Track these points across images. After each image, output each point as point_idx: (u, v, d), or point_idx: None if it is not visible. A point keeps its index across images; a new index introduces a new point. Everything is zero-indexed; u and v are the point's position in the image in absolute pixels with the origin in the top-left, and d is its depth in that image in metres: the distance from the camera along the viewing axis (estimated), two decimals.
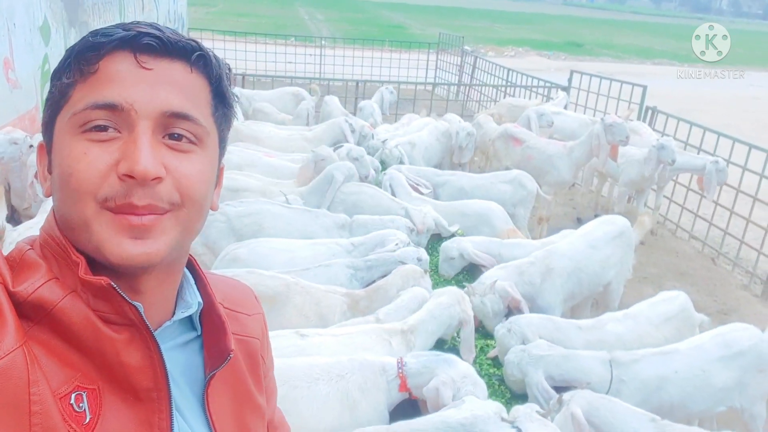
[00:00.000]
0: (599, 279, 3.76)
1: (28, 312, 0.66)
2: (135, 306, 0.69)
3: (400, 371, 2.40)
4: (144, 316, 0.70)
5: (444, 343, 3.08)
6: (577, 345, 2.95)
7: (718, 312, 4.99)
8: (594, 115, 8.06)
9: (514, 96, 9.48)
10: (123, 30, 0.70)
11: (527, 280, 3.50)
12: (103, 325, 0.68)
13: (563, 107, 8.10)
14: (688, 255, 6.29)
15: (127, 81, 0.69)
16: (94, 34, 0.71)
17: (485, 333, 3.36)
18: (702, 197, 6.40)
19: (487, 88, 10.61)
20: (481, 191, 4.94)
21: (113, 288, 0.68)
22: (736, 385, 2.83)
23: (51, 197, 0.75)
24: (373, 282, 3.26)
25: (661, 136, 6.82)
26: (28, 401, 0.62)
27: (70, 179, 0.68)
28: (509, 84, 9.89)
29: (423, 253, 3.44)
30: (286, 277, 2.96)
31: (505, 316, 3.34)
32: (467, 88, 11.70)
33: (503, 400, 2.81)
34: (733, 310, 5.08)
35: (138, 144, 0.67)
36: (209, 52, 0.76)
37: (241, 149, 5.09)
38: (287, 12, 33.73)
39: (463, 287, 3.45)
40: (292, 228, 3.76)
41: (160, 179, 0.68)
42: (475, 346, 3.07)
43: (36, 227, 3.28)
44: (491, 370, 3.12)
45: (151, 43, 0.70)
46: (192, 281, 0.84)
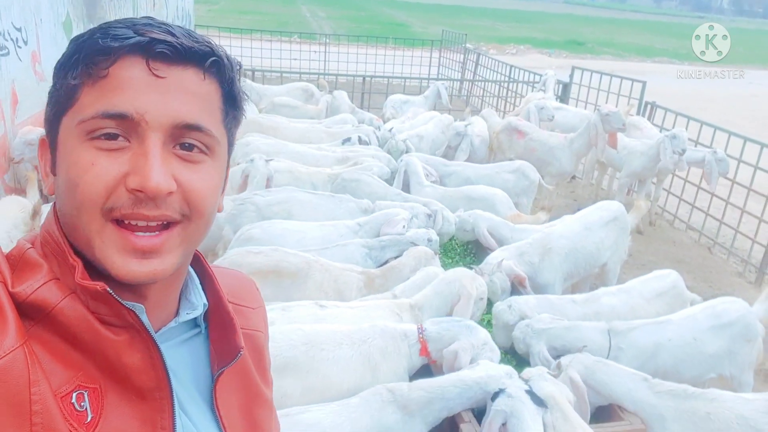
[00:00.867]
0: (595, 260, 3.97)
1: (28, 312, 0.66)
2: (133, 310, 0.69)
3: (421, 336, 2.59)
4: (144, 318, 0.70)
5: None
6: (573, 318, 3.14)
7: (713, 297, 5.13)
8: (594, 110, 8.25)
9: (517, 92, 9.68)
10: (136, 34, 0.68)
11: (527, 260, 3.72)
12: (102, 327, 0.68)
13: (552, 87, 8.43)
14: (685, 244, 6.50)
15: (138, 89, 0.67)
16: (105, 35, 0.68)
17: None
18: (699, 188, 6.61)
19: (489, 84, 10.79)
20: (486, 181, 5.16)
21: (109, 293, 0.67)
22: (726, 353, 3.03)
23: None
24: (386, 261, 3.47)
25: (660, 131, 7.03)
26: (29, 400, 0.61)
27: (77, 190, 0.67)
28: (511, 80, 10.08)
29: (433, 233, 3.66)
30: (307, 255, 3.17)
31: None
32: (470, 84, 11.89)
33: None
34: (728, 295, 5.26)
35: (149, 158, 0.66)
36: (223, 55, 0.73)
37: (266, 138, 5.36)
38: (289, 9, 33.87)
39: (471, 269, 3.66)
40: (319, 213, 3.99)
41: (171, 194, 0.68)
42: (482, 320, 3.27)
43: None
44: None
45: (165, 51, 0.68)
46: (197, 281, 0.84)
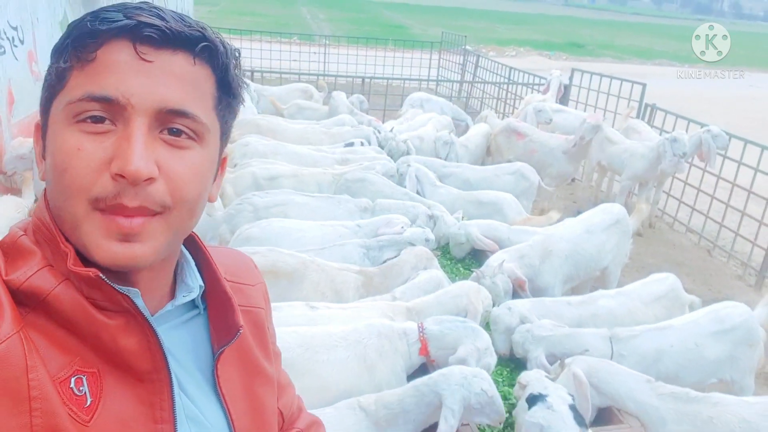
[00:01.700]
0: (595, 263, 3.94)
1: (23, 299, 0.66)
2: (127, 294, 0.69)
3: (422, 334, 2.55)
4: (139, 301, 0.70)
5: None
6: (569, 320, 3.11)
7: (713, 300, 5.08)
8: (594, 111, 8.23)
9: (516, 94, 9.65)
10: (125, 17, 0.67)
11: (527, 262, 3.69)
12: (97, 312, 0.68)
13: (557, 87, 8.42)
14: (684, 247, 6.47)
15: (125, 73, 0.66)
16: (94, 18, 0.68)
17: None
18: (699, 191, 6.58)
19: (489, 85, 10.77)
20: (485, 183, 5.16)
21: (102, 279, 0.67)
22: (727, 358, 3.00)
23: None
24: (384, 261, 3.44)
25: (660, 133, 7.01)
26: (27, 386, 0.61)
27: (65, 175, 0.66)
28: (511, 82, 10.06)
29: (429, 233, 3.63)
30: (303, 256, 3.14)
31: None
32: (469, 85, 11.87)
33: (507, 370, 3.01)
34: (728, 299, 5.11)
35: (131, 142, 0.65)
36: (216, 40, 0.72)
37: (264, 139, 5.34)
38: (289, 11, 33.87)
39: (470, 272, 3.64)
40: (317, 215, 3.97)
41: (152, 180, 0.67)
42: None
43: None
44: None
45: (152, 35, 0.67)
46: (192, 263, 0.83)
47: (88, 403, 0.66)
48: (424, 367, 2.70)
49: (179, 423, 0.74)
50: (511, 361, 3.12)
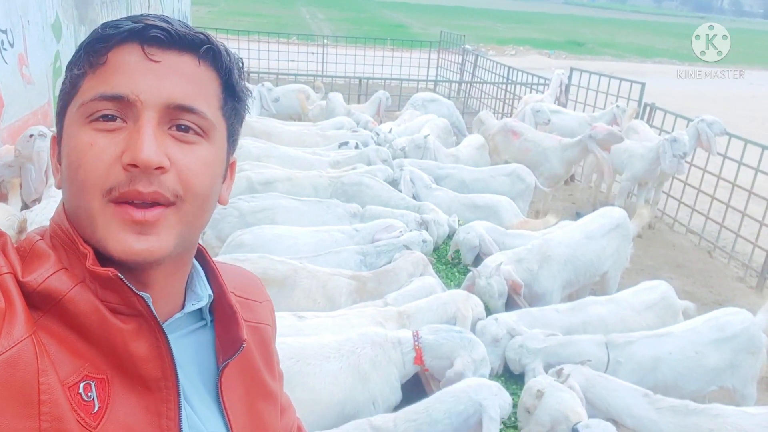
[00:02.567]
0: (595, 268, 3.87)
1: (38, 302, 0.66)
2: (142, 297, 0.70)
3: (417, 343, 2.49)
4: (152, 306, 0.71)
5: None
6: (559, 329, 3.04)
7: (714, 302, 5.10)
8: (594, 111, 8.17)
9: (515, 93, 9.59)
10: (132, 22, 0.71)
11: (525, 266, 3.62)
12: (111, 316, 0.69)
13: (557, 86, 8.35)
14: (685, 248, 6.41)
15: (134, 72, 0.69)
16: (104, 26, 0.72)
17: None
18: (699, 191, 6.52)
19: (487, 85, 10.71)
20: (481, 184, 5.10)
21: (120, 279, 0.68)
22: (728, 366, 2.94)
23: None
24: (380, 267, 3.38)
25: (660, 133, 6.95)
26: (38, 390, 0.62)
27: (78, 171, 0.68)
28: (509, 82, 9.99)
29: (426, 234, 3.58)
30: (294, 262, 3.08)
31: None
32: (468, 85, 11.81)
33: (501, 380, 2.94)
34: (729, 301, 5.19)
35: (141, 134, 0.68)
36: (219, 45, 0.75)
37: (258, 142, 5.28)
38: (288, 11, 33.83)
39: (467, 272, 3.58)
40: (305, 220, 3.89)
41: (163, 169, 0.68)
42: None
43: (49, 208, 3.42)
44: None
45: (159, 36, 0.70)
46: (202, 273, 0.84)
47: (96, 409, 0.67)
48: (416, 377, 2.64)
49: None
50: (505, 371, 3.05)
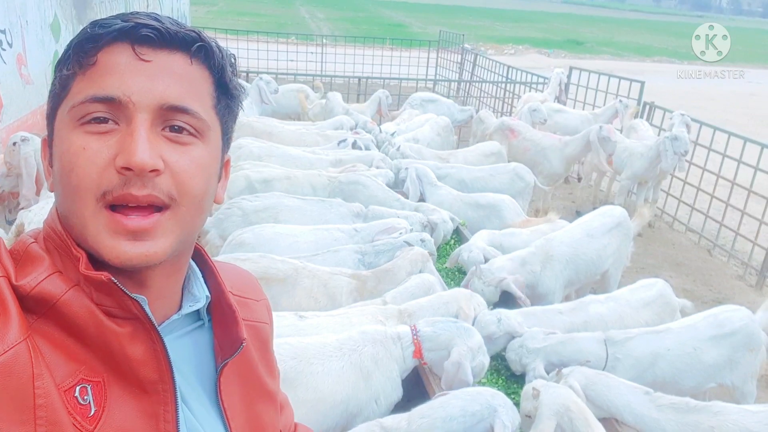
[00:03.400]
0: (596, 267, 3.87)
1: (32, 305, 0.66)
2: (137, 300, 0.69)
3: (415, 337, 2.49)
4: (147, 309, 0.70)
5: None
6: (561, 329, 3.03)
7: (714, 301, 5.11)
8: (593, 109, 8.17)
9: (514, 92, 9.59)
10: (122, 21, 0.69)
11: (529, 269, 3.62)
12: (106, 319, 0.68)
13: (557, 84, 8.38)
14: (684, 246, 6.41)
15: (125, 73, 0.68)
16: (93, 25, 0.70)
17: None
18: (698, 190, 6.52)
19: (486, 84, 10.71)
20: (480, 183, 5.09)
21: (114, 283, 0.67)
22: (726, 363, 2.94)
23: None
24: (379, 266, 3.37)
25: (659, 132, 6.95)
26: (33, 394, 0.61)
27: (71, 175, 0.67)
28: (509, 81, 9.99)
29: (425, 235, 3.58)
30: (295, 262, 3.07)
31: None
32: (467, 84, 11.80)
33: (501, 379, 2.95)
34: (728, 299, 5.19)
35: (135, 137, 0.66)
36: (211, 43, 0.74)
37: (258, 141, 5.27)
38: (287, 11, 33.81)
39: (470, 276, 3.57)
40: (308, 219, 3.87)
41: (158, 172, 0.67)
42: None
43: (47, 208, 3.41)
44: None
45: (150, 35, 0.69)
46: (199, 274, 0.84)
47: (92, 413, 0.66)
48: (417, 377, 2.64)
49: None
50: (506, 368, 3.05)
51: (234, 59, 0.78)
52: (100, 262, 0.69)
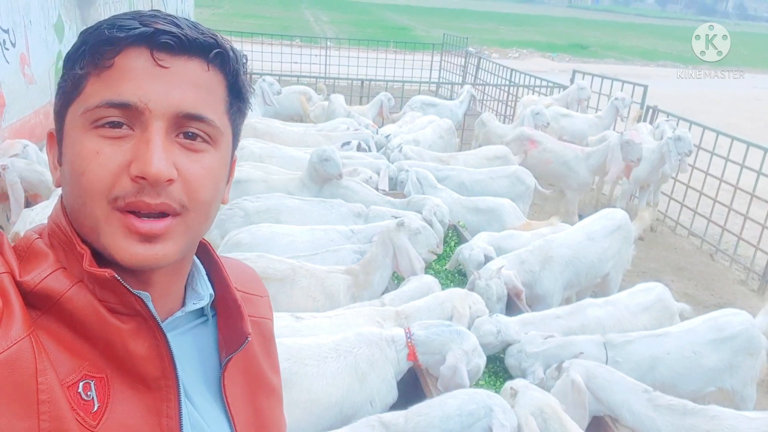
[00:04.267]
0: (596, 270, 3.86)
1: (36, 302, 0.66)
2: (140, 297, 0.69)
3: (409, 341, 2.49)
4: (151, 306, 0.70)
5: None
6: (558, 332, 3.02)
7: (715, 306, 5.07)
8: (596, 111, 8.15)
9: (517, 96, 9.58)
10: (141, 25, 0.69)
11: (527, 268, 3.61)
12: (109, 315, 0.68)
13: (575, 97, 8.16)
14: (686, 251, 6.39)
15: (142, 79, 0.68)
16: (111, 26, 0.69)
17: None
18: (701, 194, 6.50)
19: (490, 87, 10.71)
20: (481, 186, 5.08)
21: (117, 280, 0.67)
22: (726, 367, 2.92)
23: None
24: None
25: (661, 136, 6.92)
26: (36, 390, 0.62)
27: (82, 179, 0.67)
28: (512, 84, 9.99)
29: (416, 221, 3.57)
30: (292, 261, 3.08)
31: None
32: (470, 88, 11.79)
33: (500, 381, 2.93)
34: (730, 304, 5.15)
35: (151, 145, 0.67)
36: (227, 47, 0.74)
37: (260, 142, 5.28)
38: (292, 14, 33.90)
39: (468, 275, 3.57)
40: (309, 219, 3.88)
41: (172, 181, 0.68)
42: None
43: (51, 208, 3.41)
44: None
45: (169, 42, 0.68)
46: (203, 271, 0.84)
47: (95, 409, 0.66)
48: (414, 377, 2.64)
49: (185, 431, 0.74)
50: (503, 370, 3.04)
51: (245, 59, 0.79)
52: (103, 259, 0.69)
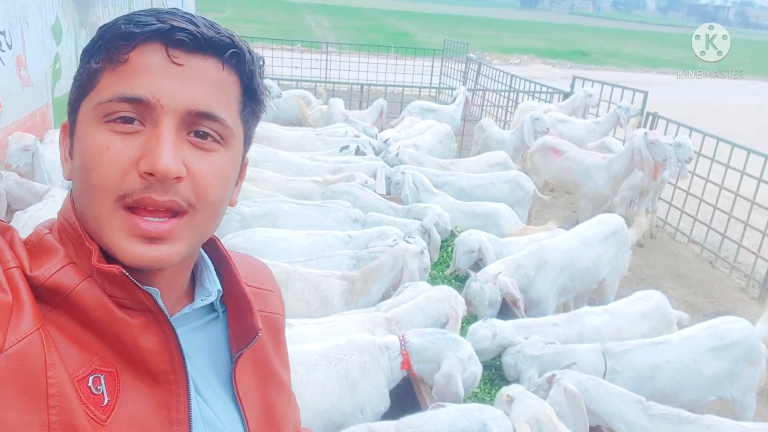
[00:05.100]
0: (592, 276, 3.82)
1: (46, 296, 0.67)
2: (149, 292, 0.69)
3: (403, 348, 2.44)
4: (159, 301, 0.70)
5: None
6: (555, 339, 2.99)
7: (715, 313, 5.03)
8: (596, 117, 8.13)
9: (518, 101, 9.56)
10: (158, 21, 0.69)
11: (523, 273, 3.57)
12: (118, 310, 0.69)
13: (582, 106, 8.09)
14: (686, 258, 6.34)
15: (156, 75, 0.68)
16: (128, 21, 0.69)
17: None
18: (701, 201, 6.46)
19: (490, 93, 10.70)
20: (480, 191, 5.05)
21: (125, 276, 0.68)
22: (727, 375, 2.88)
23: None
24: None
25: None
26: (45, 384, 0.62)
27: (91, 173, 0.67)
28: (512, 90, 9.98)
29: (421, 242, 3.54)
30: (285, 265, 3.04)
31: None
32: (471, 93, 11.79)
33: (495, 389, 2.89)
34: (730, 312, 5.11)
35: (161, 141, 0.66)
36: (244, 48, 0.74)
37: (256, 146, 5.25)
38: (294, 19, 34.00)
39: (465, 278, 3.54)
40: (307, 224, 3.84)
41: (180, 179, 0.68)
42: None
43: (45, 210, 3.40)
44: None
45: (185, 39, 0.68)
46: (211, 267, 0.84)
47: (105, 403, 0.67)
48: (408, 385, 2.60)
49: (195, 425, 0.73)
50: (500, 378, 3.00)
51: (263, 61, 0.78)
52: (111, 255, 0.70)
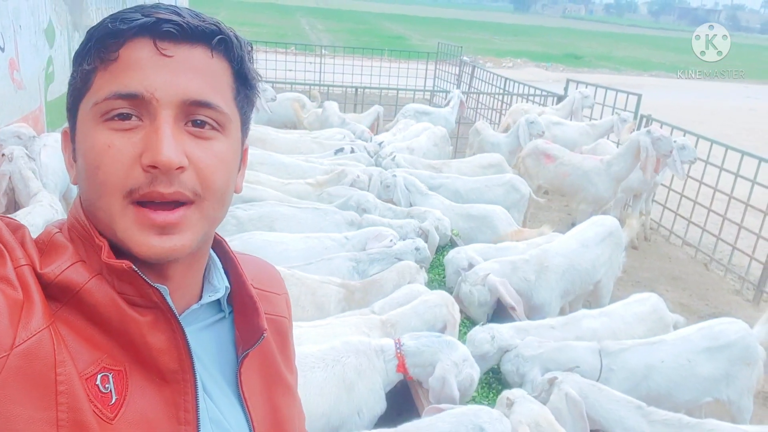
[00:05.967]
0: (590, 277, 3.83)
1: (56, 293, 0.67)
2: (158, 289, 0.70)
3: (398, 351, 2.43)
4: (168, 298, 0.71)
5: None
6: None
7: (710, 315, 5.03)
8: (590, 120, 8.15)
9: (511, 104, 9.58)
10: (143, 15, 0.69)
11: (521, 276, 3.56)
12: (128, 308, 0.69)
13: (579, 107, 8.08)
14: (681, 260, 6.36)
15: (147, 69, 0.68)
16: (114, 19, 0.70)
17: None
18: (695, 203, 6.48)
19: (484, 96, 10.72)
20: (476, 194, 5.04)
21: (135, 271, 0.68)
22: (723, 376, 2.88)
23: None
24: (372, 276, 3.32)
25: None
26: (54, 381, 0.62)
27: (98, 172, 0.68)
28: (506, 92, 10.00)
29: (420, 242, 3.53)
30: (282, 269, 3.02)
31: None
32: (465, 96, 11.80)
33: (493, 393, 2.88)
34: (725, 314, 5.10)
35: (160, 134, 0.67)
36: (230, 33, 0.75)
37: (251, 148, 5.22)
38: (288, 22, 34.01)
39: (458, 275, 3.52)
40: (303, 227, 3.82)
41: (183, 169, 0.68)
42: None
43: (35, 214, 3.37)
44: None
45: (171, 30, 0.69)
46: (219, 265, 0.84)
47: (113, 401, 0.67)
48: (405, 388, 2.58)
49: (202, 425, 0.74)
50: (497, 381, 2.99)
51: (251, 46, 0.79)
52: (121, 252, 0.70)
